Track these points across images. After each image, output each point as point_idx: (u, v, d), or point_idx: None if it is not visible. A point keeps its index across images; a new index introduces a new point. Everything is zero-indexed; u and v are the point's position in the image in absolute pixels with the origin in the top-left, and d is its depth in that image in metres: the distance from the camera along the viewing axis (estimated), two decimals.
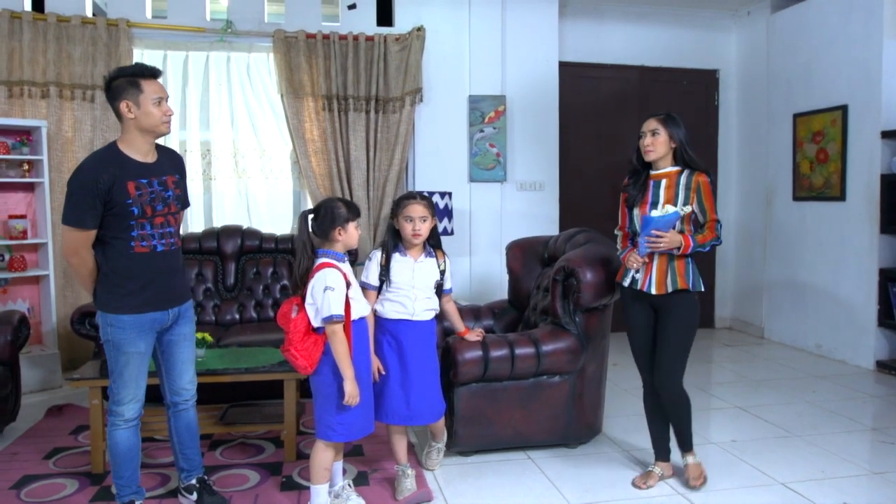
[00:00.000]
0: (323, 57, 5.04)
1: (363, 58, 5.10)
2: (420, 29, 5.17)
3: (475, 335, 3.13)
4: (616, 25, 5.93)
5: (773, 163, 5.76)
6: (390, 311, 2.81)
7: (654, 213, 2.70)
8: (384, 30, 5.21)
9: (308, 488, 2.89)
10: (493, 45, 5.35)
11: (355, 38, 5.09)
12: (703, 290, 2.80)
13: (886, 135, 4.71)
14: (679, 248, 2.70)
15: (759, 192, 5.96)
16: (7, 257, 4.50)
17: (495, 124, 5.33)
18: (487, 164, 5.31)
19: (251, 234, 4.76)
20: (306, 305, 2.51)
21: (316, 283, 2.48)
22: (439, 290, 2.90)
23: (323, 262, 2.53)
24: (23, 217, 4.51)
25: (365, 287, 2.80)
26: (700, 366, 5.20)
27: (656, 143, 2.78)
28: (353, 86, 5.09)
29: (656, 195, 2.79)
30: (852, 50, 4.91)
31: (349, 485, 2.80)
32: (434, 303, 2.90)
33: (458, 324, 3.09)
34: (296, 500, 2.86)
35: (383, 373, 2.81)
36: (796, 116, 5.43)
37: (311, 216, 2.60)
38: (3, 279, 4.46)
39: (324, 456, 2.63)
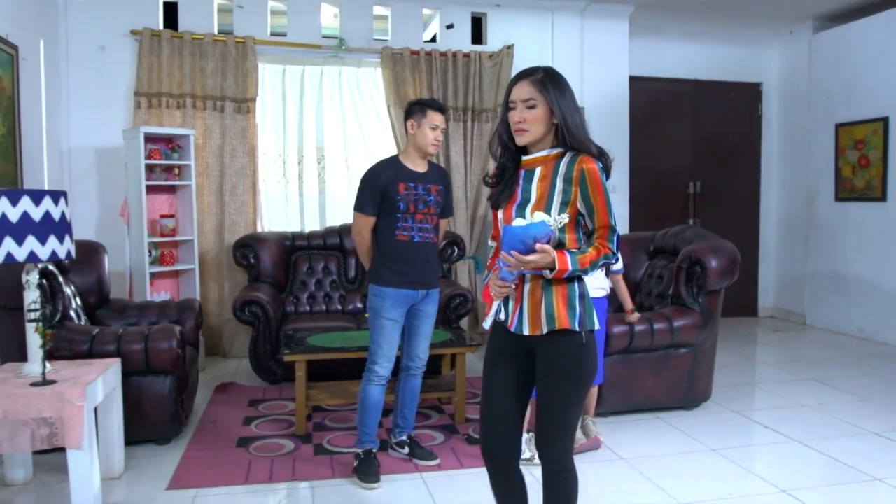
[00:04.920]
0: (426, 72, 5.59)
1: (460, 73, 5.66)
2: (510, 47, 5.75)
3: (636, 318, 3.68)
4: (673, 43, 6.58)
5: (814, 167, 6.44)
6: None
7: (519, 222, 1.87)
8: (478, 47, 5.78)
9: None
10: (572, 61, 5.94)
11: (454, 55, 5.65)
12: (595, 327, 1.96)
13: None
14: (551, 271, 1.84)
15: (800, 193, 6.65)
16: (154, 254, 4.97)
17: None
18: None
19: None
20: None
21: None
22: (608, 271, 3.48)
23: None
24: (171, 216, 4.99)
25: None
26: (757, 347, 5.86)
27: (532, 119, 1.88)
28: (452, 98, 5.64)
29: (527, 191, 1.92)
30: (894, 68, 5.60)
31: (531, 438, 3.37)
32: (603, 282, 3.48)
33: (626, 302, 3.65)
34: None
35: None
36: (838, 126, 6.12)
37: None
38: (151, 273, 4.92)
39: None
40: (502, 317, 1.99)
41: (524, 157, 1.97)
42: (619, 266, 3.53)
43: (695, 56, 6.65)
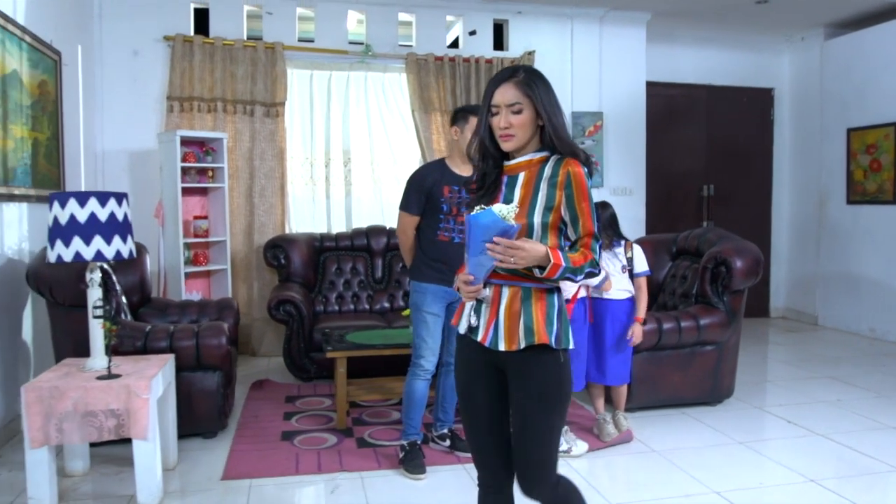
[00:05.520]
0: (449, 77, 5.73)
1: (483, 78, 5.80)
2: (531, 53, 5.89)
3: (637, 331, 3.58)
4: (687, 49, 6.73)
5: (826, 171, 6.59)
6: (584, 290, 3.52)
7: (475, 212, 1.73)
8: (500, 54, 5.93)
9: None
10: (591, 67, 6.10)
11: (476, 60, 5.79)
12: (570, 347, 1.82)
13: None
14: (543, 270, 1.72)
15: (811, 196, 6.80)
16: (187, 254, 5.09)
17: (594, 137, 6.08)
18: None
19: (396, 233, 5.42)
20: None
21: None
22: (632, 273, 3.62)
23: None
24: (204, 218, 5.12)
25: None
26: (773, 346, 6.00)
27: (519, 124, 1.80)
28: (475, 102, 5.77)
29: (509, 197, 1.84)
30: None
31: (568, 430, 3.50)
32: (625, 284, 3.61)
33: (640, 309, 3.64)
34: None
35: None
36: (850, 131, 6.27)
37: None
38: (185, 273, 5.04)
39: None
40: (474, 321, 1.85)
41: (507, 163, 1.88)
42: (644, 268, 3.65)
43: (709, 62, 6.81)
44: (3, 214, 3.63)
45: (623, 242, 3.66)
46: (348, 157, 5.76)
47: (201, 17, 5.50)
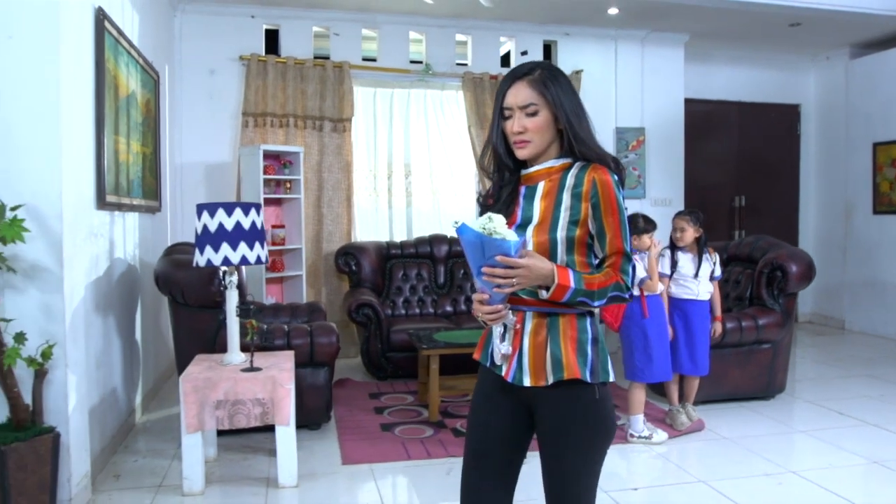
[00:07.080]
0: None
1: None
2: (578, 72, 6.26)
3: (718, 328, 4.08)
4: (719, 67, 7.13)
5: (851, 183, 6.98)
6: (681, 293, 3.87)
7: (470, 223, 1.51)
8: None
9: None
10: (634, 85, 6.47)
11: None
12: (610, 380, 1.61)
13: None
14: (548, 290, 1.53)
15: (837, 206, 7.18)
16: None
17: (637, 151, 6.45)
18: (631, 184, 6.42)
19: (457, 241, 5.77)
20: None
21: None
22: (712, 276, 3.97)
23: None
24: (282, 227, 5.45)
25: (660, 275, 3.84)
26: (807, 349, 6.35)
27: (534, 128, 1.59)
28: None
29: (528, 210, 1.64)
30: None
31: (645, 419, 3.84)
32: (710, 286, 3.95)
33: (717, 310, 4.07)
34: None
35: (671, 339, 3.86)
36: (876, 145, 6.66)
37: None
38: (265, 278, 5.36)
39: (638, 392, 3.70)
40: (505, 350, 1.60)
41: (524, 171, 1.66)
42: (719, 273, 4.00)
43: (739, 80, 7.20)
44: (125, 223, 3.95)
45: (708, 249, 4.01)
46: (409, 170, 6.10)
47: (271, 38, 5.84)
